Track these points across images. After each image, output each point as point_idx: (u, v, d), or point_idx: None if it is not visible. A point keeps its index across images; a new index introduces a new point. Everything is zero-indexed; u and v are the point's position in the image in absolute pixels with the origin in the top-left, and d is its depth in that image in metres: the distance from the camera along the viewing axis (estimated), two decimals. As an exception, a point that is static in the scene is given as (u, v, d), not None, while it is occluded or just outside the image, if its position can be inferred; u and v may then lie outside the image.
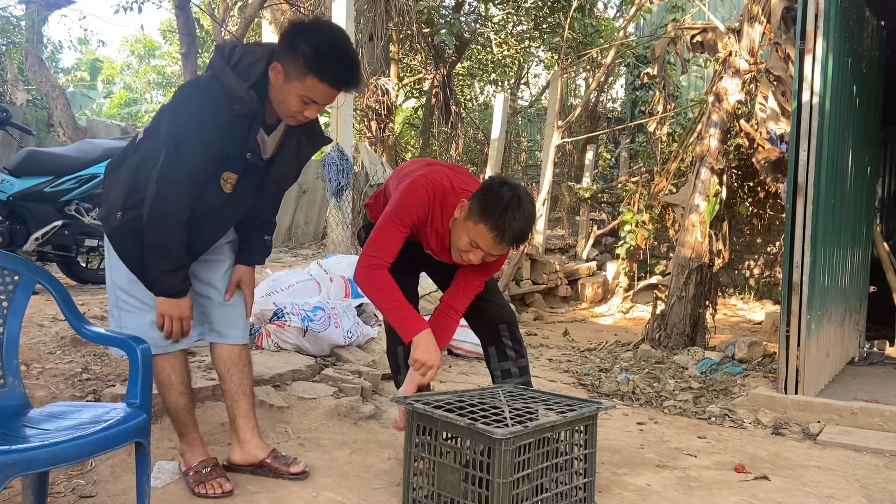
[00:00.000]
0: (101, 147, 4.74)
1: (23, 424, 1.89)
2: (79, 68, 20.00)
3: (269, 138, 2.28)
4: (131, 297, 2.28)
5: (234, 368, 2.47)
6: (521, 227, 2.29)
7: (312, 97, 2.12)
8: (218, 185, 2.20)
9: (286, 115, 2.19)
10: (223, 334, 2.46)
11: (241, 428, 2.49)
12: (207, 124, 2.10)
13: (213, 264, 2.44)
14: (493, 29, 11.98)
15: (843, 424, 3.54)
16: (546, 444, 2.18)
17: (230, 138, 2.14)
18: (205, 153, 2.12)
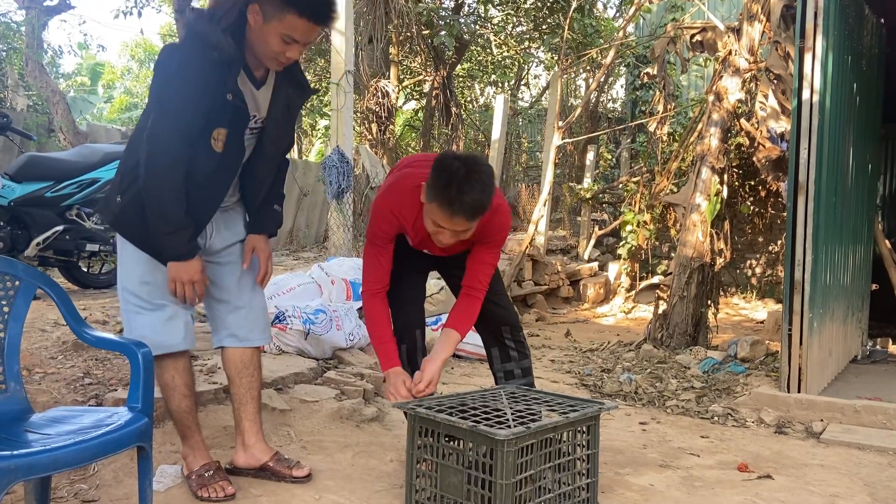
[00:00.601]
0: (101, 152, 4.75)
1: (25, 429, 1.89)
2: (79, 73, 20.04)
3: (259, 93, 2.28)
4: (139, 298, 2.28)
5: (244, 372, 2.47)
6: (474, 198, 2.21)
7: (292, 35, 2.12)
8: (209, 145, 2.19)
9: (268, 57, 2.19)
10: (243, 338, 2.46)
11: (247, 431, 2.50)
12: (189, 77, 2.10)
13: (228, 268, 2.45)
14: (493, 30, 11.98)
15: (846, 423, 3.54)
16: (548, 445, 2.17)
17: (212, 88, 2.13)
18: (188, 106, 2.11)
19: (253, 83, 2.26)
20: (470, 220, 2.25)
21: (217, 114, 2.16)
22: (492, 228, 2.47)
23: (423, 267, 2.84)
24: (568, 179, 11.95)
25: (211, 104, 2.13)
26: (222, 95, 2.14)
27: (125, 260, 2.31)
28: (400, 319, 2.68)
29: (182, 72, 2.10)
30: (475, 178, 2.21)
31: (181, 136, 2.12)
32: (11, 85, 8.65)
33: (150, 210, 2.17)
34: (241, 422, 2.49)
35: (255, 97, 2.27)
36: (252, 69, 2.24)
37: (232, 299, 2.44)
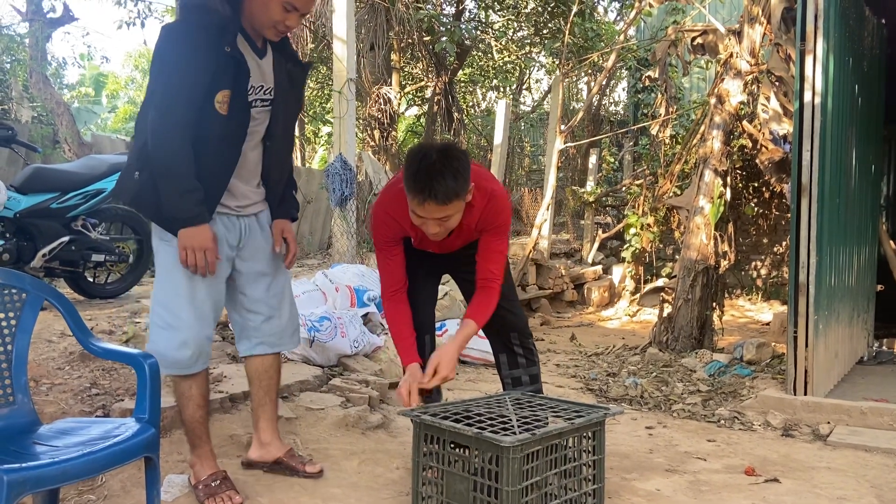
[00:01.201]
0: (106, 162, 4.76)
1: (33, 441, 1.90)
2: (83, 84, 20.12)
3: (262, 63, 2.34)
4: (168, 312, 2.31)
5: (264, 374, 2.56)
6: (442, 182, 2.21)
7: (293, 3, 2.20)
8: (214, 109, 2.22)
9: (268, 25, 2.26)
10: (273, 344, 2.55)
11: (264, 430, 2.59)
12: (187, 42, 2.17)
13: (259, 279, 2.49)
14: (494, 35, 12.01)
15: (853, 425, 3.53)
16: (554, 451, 2.17)
17: (211, 46, 2.17)
18: (189, 68, 2.16)
19: (255, 52, 2.32)
20: (441, 204, 2.24)
21: (218, 74, 2.20)
22: (491, 214, 2.49)
23: (434, 270, 2.85)
24: (571, 183, 11.95)
25: (210, 63, 2.18)
26: (221, 51, 2.19)
27: (160, 272, 2.36)
28: None
29: (179, 40, 2.18)
30: (443, 163, 2.23)
31: (184, 98, 2.17)
32: (16, 97, 8.71)
33: (159, 174, 2.22)
34: (259, 421, 2.59)
35: (260, 66, 2.34)
36: (253, 38, 2.31)
37: (263, 310, 2.51)
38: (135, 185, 2.28)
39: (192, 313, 2.31)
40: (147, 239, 5.16)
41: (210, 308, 2.36)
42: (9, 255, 4.31)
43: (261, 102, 2.36)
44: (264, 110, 2.38)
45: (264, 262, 2.51)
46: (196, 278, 2.30)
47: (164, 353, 2.26)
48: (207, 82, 2.19)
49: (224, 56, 2.19)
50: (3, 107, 8.96)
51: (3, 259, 4.27)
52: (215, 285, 2.37)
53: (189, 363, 2.32)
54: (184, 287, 2.29)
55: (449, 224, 2.35)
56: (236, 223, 2.43)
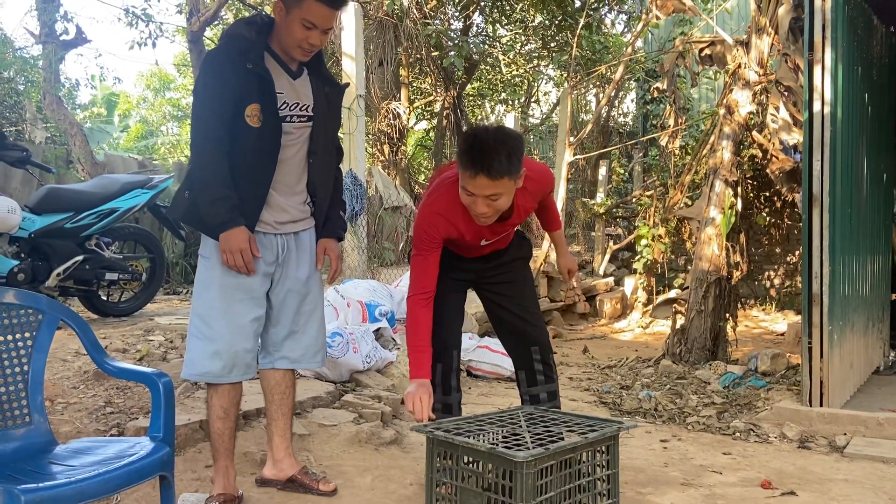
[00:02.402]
0: (119, 182, 4.82)
1: (49, 461, 1.92)
2: (95, 104, 20.35)
3: (297, 83, 2.47)
4: (203, 323, 2.40)
5: (276, 389, 2.59)
6: (494, 157, 2.29)
7: (312, 20, 2.33)
8: (245, 123, 2.35)
9: (293, 45, 2.38)
10: (295, 360, 2.59)
11: (277, 446, 2.61)
12: (214, 65, 2.36)
13: (290, 296, 2.54)
14: (502, 49, 12.06)
15: (869, 436, 3.49)
16: (568, 466, 2.17)
17: (236, 67, 2.32)
18: (217, 86, 2.32)
19: (288, 72, 2.45)
20: (493, 179, 2.31)
21: (244, 90, 2.33)
22: (535, 180, 2.60)
23: (462, 286, 2.87)
24: (581, 195, 11.95)
25: (235, 80, 2.32)
26: (244, 69, 2.33)
27: (198, 286, 2.45)
28: (438, 339, 2.66)
29: (209, 65, 2.38)
30: (498, 141, 2.32)
31: (213, 114, 2.32)
32: (30, 118, 8.80)
33: (195, 185, 2.39)
34: (273, 437, 2.61)
35: (293, 85, 2.46)
36: (285, 62, 2.44)
37: (288, 326, 2.55)
38: (185, 202, 2.43)
39: (227, 326, 2.38)
40: (160, 257, 5.20)
41: (249, 321, 2.43)
42: (24, 275, 4.35)
43: (298, 118, 2.46)
44: (302, 126, 2.48)
45: (299, 280, 2.55)
46: (233, 293, 2.39)
47: (196, 362, 2.38)
48: (235, 98, 2.33)
49: (247, 73, 2.33)
50: (18, 128, 9.07)
51: (18, 279, 4.31)
52: (256, 300, 2.45)
53: (219, 373, 2.39)
54: (219, 300, 2.39)
55: (498, 205, 2.39)
56: (274, 241, 2.49)
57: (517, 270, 2.87)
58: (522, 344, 2.81)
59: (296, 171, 2.51)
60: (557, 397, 2.86)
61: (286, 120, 2.43)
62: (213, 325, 2.38)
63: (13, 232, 4.36)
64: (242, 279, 2.40)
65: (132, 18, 8.53)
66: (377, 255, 7.73)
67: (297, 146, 2.50)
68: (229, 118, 2.33)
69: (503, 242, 2.78)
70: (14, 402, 2.01)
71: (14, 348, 2.03)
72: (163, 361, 3.76)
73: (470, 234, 2.58)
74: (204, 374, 2.40)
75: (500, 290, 2.83)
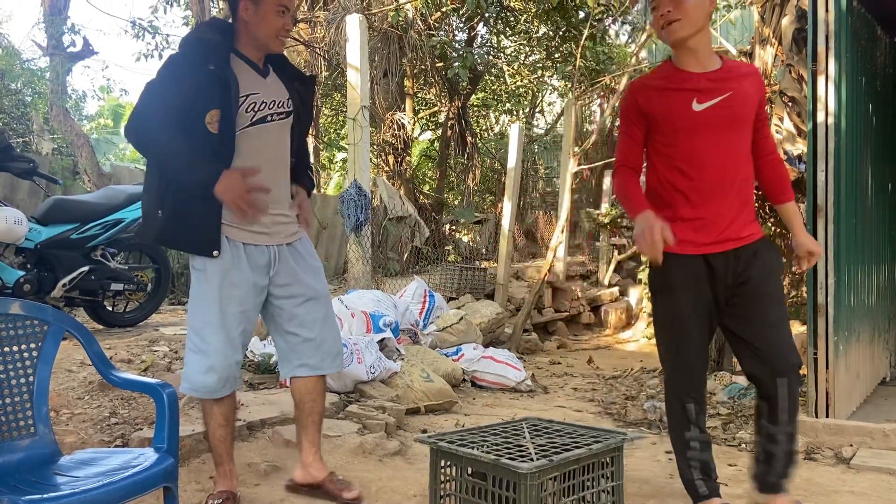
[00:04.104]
0: (125, 193, 4.84)
1: (53, 472, 1.92)
2: (101, 115, 20.45)
3: (267, 81, 2.46)
4: (199, 337, 2.41)
5: (307, 397, 2.61)
6: None
7: (285, 3, 2.37)
8: (205, 129, 2.31)
9: (272, 36, 2.39)
10: (315, 367, 2.59)
11: (306, 452, 2.64)
12: (169, 68, 2.35)
13: (297, 302, 2.54)
14: (506, 60, 12.11)
15: (876, 447, 3.47)
16: (572, 478, 2.16)
17: (195, 69, 2.30)
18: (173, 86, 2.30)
19: (257, 71, 2.44)
20: None
21: (204, 93, 2.29)
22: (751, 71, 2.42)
23: (703, 322, 2.46)
24: (586, 205, 11.94)
25: (194, 82, 2.28)
26: (206, 70, 2.29)
27: (193, 300, 2.45)
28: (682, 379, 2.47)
29: (168, 65, 2.36)
30: None
31: (166, 107, 2.28)
32: (37, 130, 8.87)
33: (163, 165, 2.35)
34: (302, 443, 2.65)
35: (267, 84, 2.46)
36: (253, 60, 2.43)
37: (303, 332, 2.56)
38: (159, 223, 2.36)
39: (222, 339, 2.39)
40: (165, 268, 5.22)
41: (239, 334, 2.44)
42: (30, 286, 4.37)
43: (277, 116, 2.46)
44: (282, 122, 2.49)
45: (301, 285, 2.55)
46: (227, 306, 2.39)
47: (191, 376, 2.40)
48: (192, 103, 2.29)
49: (209, 76, 2.30)
50: (25, 139, 9.13)
51: (24, 290, 4.33)
52: (246, 313, 2.45)
53: (215, 388, 2.41)
54: (214, 314, 2.39)
55: (684, 5, 2.26)
56: (265, 251, 2.48)
57: (764, 283, 2.39)
58: (769, 372, 2.39)
59: (280, 174, 2.50)
60: (795, 440, 2.46)
61: (266, 120, 2.43)
62: (209, 339, 2.39)
63: (19, 243, 4.39)
64: (237, 292, 2.40)
65: (139, 30, 8.60)
66: (382, 265, 7.75)
67: (279, 147, 2.49)
68: (188, 124, 2.29)
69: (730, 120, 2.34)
70: (19, 413, 2.01)
71: (20, 359, 2.04)
72: (167, 372, 3.77)
73: (674, 98, 2.35)
74: (200, 389, 2.41)
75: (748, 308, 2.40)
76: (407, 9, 8.89)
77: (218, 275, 2.38)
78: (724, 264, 2.37)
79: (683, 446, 2.49)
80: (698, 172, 2.36)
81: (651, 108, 2.40)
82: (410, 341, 4.96)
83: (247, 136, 2.39)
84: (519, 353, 6.37)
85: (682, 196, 2.38)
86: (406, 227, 9.02)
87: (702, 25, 2.33)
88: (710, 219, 2.36)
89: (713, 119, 2.33)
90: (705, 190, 2.35)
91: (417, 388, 4.09)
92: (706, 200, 2.36)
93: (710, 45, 2.42)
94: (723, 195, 2.36)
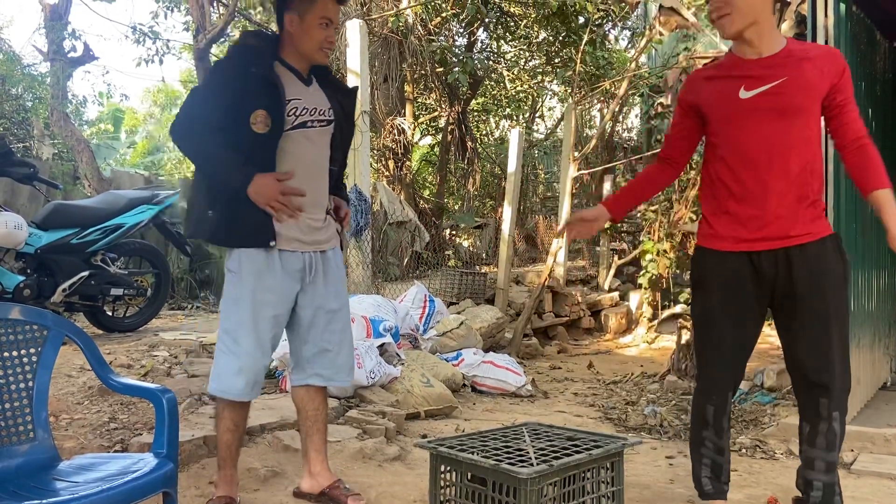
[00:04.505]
0: (125, 198, 4.85)
1: (53, 477, 1.92)
2: (101, 120, 20.49)
3: (310, 90, 2.50)
4: (232, 339, 2.42)
5: (310, 406, 2.61)
6: None
7: (327, 15, 2.41)
8: (250, 130, 2.35)
9: (315, 50, 2.44)
10: (328, 378, 2.60)
11: (312, 460, 2.63)
12: (221, 72, 2.47)
13: (320, 314, 2.54)
14: (506, 65, 12.13)
15: (876, 452, 3.47)
16: (572, 483, 2.16)
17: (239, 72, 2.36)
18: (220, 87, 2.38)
19: (300, 79, 2.49)
20: None
21: (248, 95, 2.34)
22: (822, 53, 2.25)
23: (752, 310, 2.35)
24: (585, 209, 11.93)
25: (238, 84, 2.34)
26: (249, 72, 2.35)
27: (226, 302, 2.46)
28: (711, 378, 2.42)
29: (215, 69, 2.49)
30: None
31: (213, 107, 2.34)
32: (37, 135, 8.88)
33: (201, 168, 2.44)
34: (308, 451, 2.64)
35: (309, 91, 2.49)
36: (297, 69, 2.47)
37: (321, 343, 2.57)
38: (212, 222, 2.40)
39: (253, 342, 2.40)
40: (164, 273, 5.22)
41: (270, 339, 2.46)
42: (30, 291, 4.38)
43: (318, 123, 2.49)
44: (323, 130, 2.52)
45: (327, 296, 2.56)
46: (261, 309, 2.40)
47: (222, 377, 2.41)
48: (238, 104, 2.33)
49: (253, 78, 2.35)
50: (25, 144, 9.14)
51: (24, 294, 4.34)
52: (278, 318, 2.47)
53: (243, 390, 2.41)
54: (247, 317, 2.40)
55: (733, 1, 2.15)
56: (300, 258, 2.49)
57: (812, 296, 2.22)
58: (808, 389, 2.30)
59: (318, 180, 2.52)
60: (835, 471, 2.32)
61: (307, 125, 2.45)
62: (241, 341, 2.40)
63: (20, 248, 4.39)
64: (270, 296, 2.42)
65: (139, 36, 8.62)
66: (382, 270, 7.74)
67: (319, 153, 2.52)
68: (231, 122, 2.34)
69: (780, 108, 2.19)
70: (18, 419, 2.01)
71: (19, 364, 2.04)
72: (167, 377, 3.77)
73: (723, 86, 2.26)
74: (228, 391, 2.41)
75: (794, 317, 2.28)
76: (407, 14, 8.91)
77: (252, 278, 2.40)
78: (770, 264, 2.24)
79: (698, 443, 2.49)
80: (743, 164, 2.24)
81: (698, 98, 2.33)
82: (410, 346, 4.96)
83: (288, 139, 2.42)
84: (519, 357, 6.36)
85: (726, 188, 2.28)
86: (406, 232, 9.02)
87: (755, 17, 2.19)
88: (753, 214, 2.23)
89: (762, 106, 2.20)
90: (750, 182, 2.23)
91: (417, 393, 4.09)
92: (751, 194, 2.23)
93: (770, 32, 2.24)
94: (770, 189, 2.21)
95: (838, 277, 2.25)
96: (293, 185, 2.39)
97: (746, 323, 2.34)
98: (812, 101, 2.21)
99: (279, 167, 2.40)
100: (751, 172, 2.23)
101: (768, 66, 2.22)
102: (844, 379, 2.27)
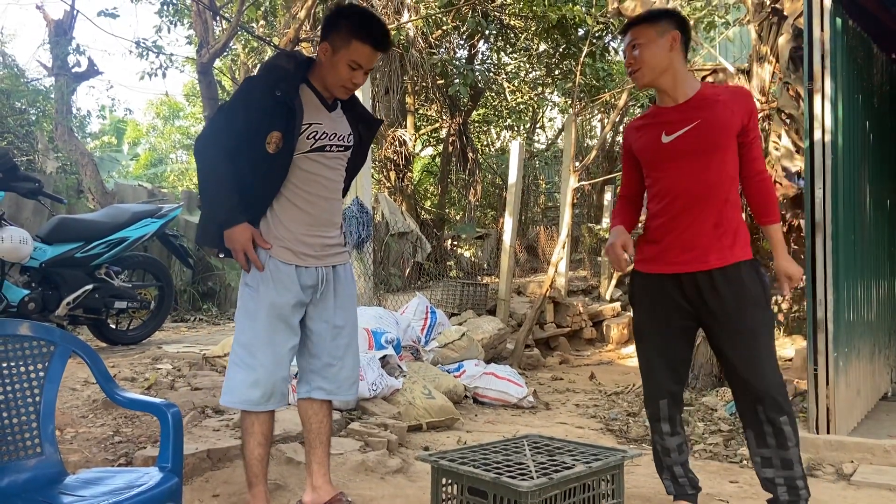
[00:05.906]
0: (129, 211, 4.89)
1: (59, 492, 1.94)
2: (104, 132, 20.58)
3: (332, 116, 2.54)
4: (246, 352, 2.45)
5: (314, 419, 2.63)
6: None
7: (358, 61, 2.43)
8: (264, 149, 2.40)
9: (338, 85, 2.47)
10: (331, 391, 2.62)
11: (315, 473, 2.64)
12: (248, 91, 2.46)
13: (327, 328, 2.58)
14: (507, 77, 12.20)
15: (877, 463, 3.48)
16: (573, 496, 2.18)
17: (265, 93, 2.40)
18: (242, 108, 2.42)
19: (325, 105, 2.53)
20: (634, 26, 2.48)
21: (270, 117, 2.40)
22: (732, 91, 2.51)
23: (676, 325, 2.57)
24: (587, 220, 11.99)
25: (262, 105, 2.39)
26: (273, 95, 2.40)
27: (241, 315, 2.49)
28: (647, 386, 2.64)
29: (243, 88, 2.50)
30: None
31: (231, 128, 2.41)
32: (41, 149, 8.94)
33: (200, 185, 2.48)
34: (311, 464, 2.65)
35: (331, 118, 2.54)
36: (324, 96, 2.53)
37: (327, 357, 2.59)
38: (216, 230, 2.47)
39: (270, 356, 2.43)
40: (168, 286, 5.25)
41: (287, 350, 2.49)
42: (34, 305, 4.41)
43: (336, 148, 2.55)
44: (341, 155, 2.58)
45: (337, 311, 2.59)
46: (276, 323, 2.44)
47: (235, 389, 2.42)
48: (257, 122, 2.40)
49: (275, 100, 2.40)
50: (29, 157, 9.20)
51: (29, 308, 4.37)
52: (294, 329, 2.51)
53: (258, 401, 2.43)
54: (264, 332, 2.43)
55: (641, 56, 2.43)
56: (314, 273, 2.53)
57: (735, 315, 2.45)
58: (744, 398, 2.50)
59: (332, 200, 2.59)
60: (794, 467, 2.44)
61: (325, 149, 2.51)
62: (257, 354, 2.43)
63: (24, 262, 4.43)
64: (286, 311, 2.45)
65: (143, 50, 8.69)
66: (384, 281, 7.77)
67: (334, 175, 2.58)
68: (250, 138, 2.40)
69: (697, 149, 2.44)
70: (26, 433, 2.04)
71: (27, 379, 2.07)
72: (171, 390, 3.79)
73: (648, 133, 2.54)
74: (243, 402, 2.44)
75: (720, 335, 2.51)
76: (408, 27, 8.98)
77: (270, 294, 2.44)
78: (691, 286, 2.48)
79: (652, 443, 2.70)
80: (668, 199, 2.51)
81: (633, 146, 2.62)
82: (412, 358, 4.98)
83: (306, 161, 2.48)
84: (521, 368, 6.37)
85: (656, 220, 2.56)
86: (408, 243, 9.06)
87: (664, 68, 2.46)
88: (675, 241, 2.50)
89: (681, 148, 2.47)
90: (675, 214, 2.49)
91: (419, 405, 4.11)
92: (674, 224, 2.50)
93: (682, 79, 2.50)
94: (691, 219, 2.47)
95: (756, 296, 2.47)
96: (308, 204, 2.48)
97: (673, 335, 2.57)
98: (727, 138, 2.45)
99: (296, 186, 2.47)
100: (675, 206, 2.49)
101: (684, 110, 2.48)
102: (777, 386, 2.45)
